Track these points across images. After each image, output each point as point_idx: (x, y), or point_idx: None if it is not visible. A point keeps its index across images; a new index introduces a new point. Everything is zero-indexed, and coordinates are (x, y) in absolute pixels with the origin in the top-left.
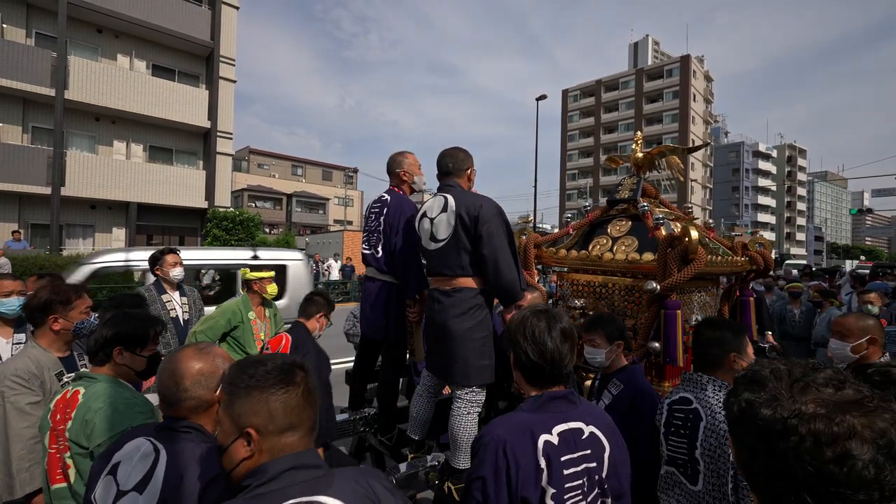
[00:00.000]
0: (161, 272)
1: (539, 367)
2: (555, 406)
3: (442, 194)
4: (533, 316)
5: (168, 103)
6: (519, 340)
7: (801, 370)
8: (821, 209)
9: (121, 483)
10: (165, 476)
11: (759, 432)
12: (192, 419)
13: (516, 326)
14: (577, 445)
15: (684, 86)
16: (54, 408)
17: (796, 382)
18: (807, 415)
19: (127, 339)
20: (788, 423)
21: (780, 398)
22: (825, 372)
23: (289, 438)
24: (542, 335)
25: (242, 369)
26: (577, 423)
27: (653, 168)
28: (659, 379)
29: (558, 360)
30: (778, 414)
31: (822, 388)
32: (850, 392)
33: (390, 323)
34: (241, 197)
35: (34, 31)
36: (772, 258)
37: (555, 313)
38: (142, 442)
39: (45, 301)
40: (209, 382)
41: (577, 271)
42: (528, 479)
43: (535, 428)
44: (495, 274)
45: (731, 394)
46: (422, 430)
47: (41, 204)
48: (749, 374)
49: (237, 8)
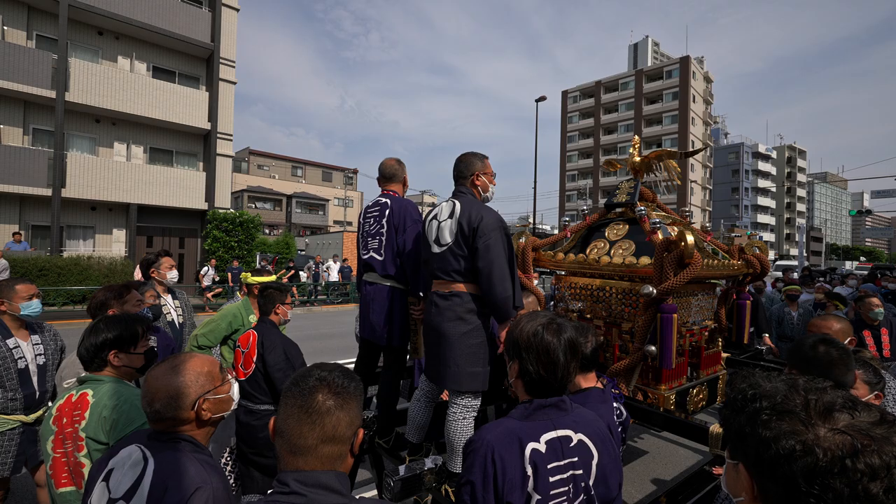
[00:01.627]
0: (157, 275)
1: (546, 382)
2: (544, 414)
3: (453, 200)
4: (545, 330)
5: (168, 105)
6: (526, 354)
7: (815, 392)
8: (821, 210)
9: (112, 490)
10: (151, 487)
11: (811, 473)
12: (179, 431)
13: (528, 339)
14: (565, 453)
15: (684, 87)
16: (57, 413)
17: (826, 411)
18: (860, 450)
19: (118, 342)
20: (846, 462)
21: (818, 430)
22: (832, 392)
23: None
24: (555, 352)
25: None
26: (565, 431)
27: (650, 171)
28: (656, 382)
29: (565, 377)
30: (833, 453)
31: (848, 412)
32: (869, 414)
33: (394, 327)
34: (241, 198)
35: (35, 33)
36: (768, 261)
37: (562, 326)
38: (133, 450)
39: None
40: (178, 403)
41: (574, 274)
42: (514, 485)
43: (524, 436)
44: (488, 288)
45: (759, 426)
46: (419, 434)
47: (42, 205)
48: (778, 402)
49: (237, 10)
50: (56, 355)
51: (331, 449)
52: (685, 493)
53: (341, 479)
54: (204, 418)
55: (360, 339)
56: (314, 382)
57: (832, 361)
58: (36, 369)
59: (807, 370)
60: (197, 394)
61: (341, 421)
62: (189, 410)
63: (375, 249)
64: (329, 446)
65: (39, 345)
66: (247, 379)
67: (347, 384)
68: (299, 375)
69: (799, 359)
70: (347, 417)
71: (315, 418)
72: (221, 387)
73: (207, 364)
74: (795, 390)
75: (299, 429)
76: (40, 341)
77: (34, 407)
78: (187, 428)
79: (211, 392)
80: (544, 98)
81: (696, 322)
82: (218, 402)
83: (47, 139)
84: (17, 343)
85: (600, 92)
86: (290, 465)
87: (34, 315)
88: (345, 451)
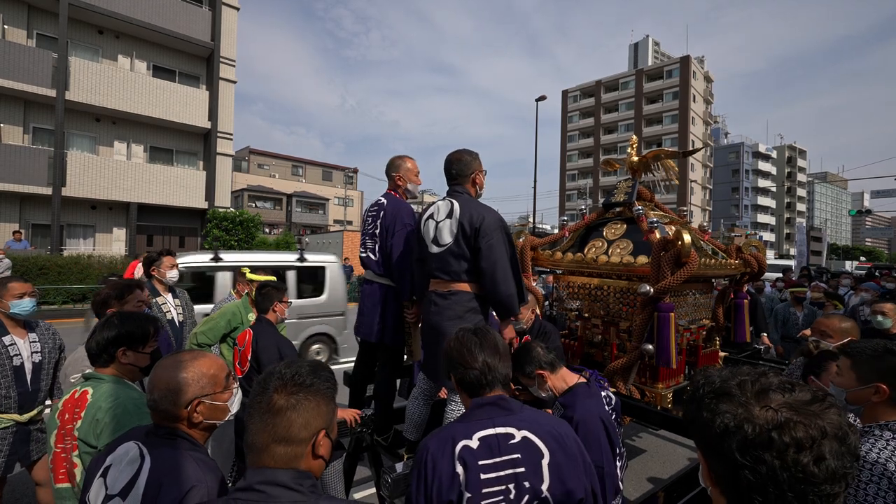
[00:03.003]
0: (158, 273)
1: (474, 383)
2: (482, 413)
3: (450, 199)
4: (463, 332)
5: (168, 104)
6: (453, 358)
7: (755, 377)
8: (821, 210)
9: (109, 486)
10: (147, 484)
11: (743, 446)
12: (177, 428)
13: (451, 343)
14: (502, 450)
15: (684, 87)
16: (62, 407)
17: (760, 391)
18: (784, 423)
19: (129, 339)
20: (772, 434)
21: (753, 409)
22: (774, 376)
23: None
24: (471, 348)
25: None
26: (506, 429)
27: (648, 171)
28: (653, 381)
29: (490, 372)
30: (760, 426)
31: (783, 393)
32: (804, 394)
33: (386, 325)
34: (241, 197)
35: (35, 32)
36: (765, 261)
37: (483, 328)
38: (131, 446)
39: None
40: (174, 398)
41: (573, 274)
42: (445, 486)
43: (457, 435)
44: (493, 287)
45: (700, 408)
46: (417, 432)
47: (42, 204)
48: (715, 386)
49: (237, 9)
50: (54, 354)
51: (284, 450)
52: (681, 490)
53: (300, 478)
54: (195, 420)
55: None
56: (274, 382)
57: None
58: (31, 367)
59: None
60: (195, 394)
61: (294, 422)
62: (183, 408)
63: (371, 249)
64: (281, 447)
65: (36, 342)
66: (243, 377)
67: (311, 382)
68: (267, 372)
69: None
70: (301, 419)
71: (267, 418)
72: (221, 394)
73: (215, 367)
74: (734, 375)
75: (254, 427)
76: (37, 339)
77: (28, 406)
78: (180, 426)
79: (209, 396)
80: (544, 97)
81: (693, 321)
82: (213, 409)
83: (47, 138)
84: (14, 340)
85: (600, 91)
86: (249, 462)
87: (24, 314)
88: (300, 452)
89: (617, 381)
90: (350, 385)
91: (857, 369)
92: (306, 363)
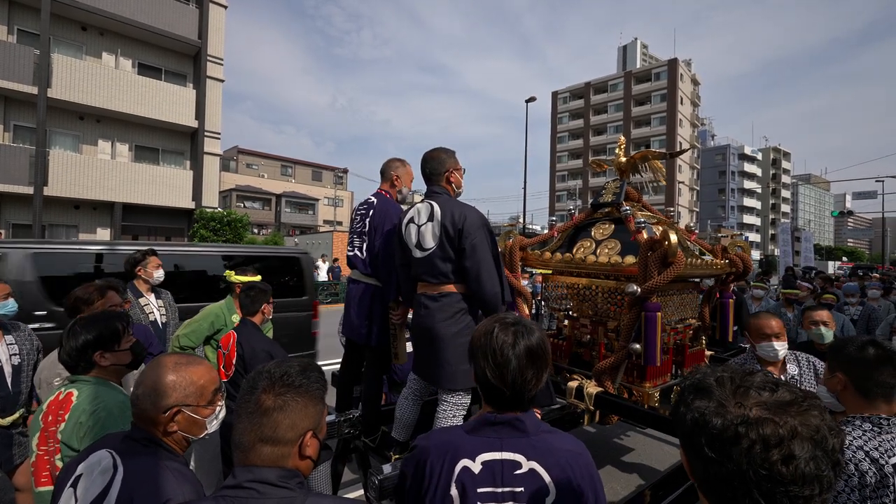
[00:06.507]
0: (144, 273)
1: (497, 390)
2: (493, 431)
3: (429, 201)
4: (500, 329)
5: (154, 102)
6: (479, 356)
7: (739, 375)
8: (804, 211)
9: (79, 498)
10: (118, 498)
11: (711, 441)
12: (154, 434)
13: (481, 339)
14: (505, 480)
15: (672, 89)
16: (47, 409)
17: (738, 388)
18: (753, 420)
19: (100, 341)
20: (739, 429)
21: (727, 405)
22: (759, 376)
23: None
24: (507, 352)
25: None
26: (513, 455)
27: (636, 172)
28: (640, 380)
29: (519, 384)
30: (728, 421)
31: (761, 392)
32: (785, 394)
33: (373, 326)
34: (229, 197)
35: (16, 27)
36: (751, 261)
37: (526, 328)
38: (104, 455)
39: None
40: (155, 399)
41: (561, 273)
42: (437, 502)
43: (460, 450)
44: (478, 286)
45: (680, 404)
46: (406, 432)
47: (23, 204)
48: (695, 382)
49: (225, 6)
50: (32, 355)
51: (270, 450)
52: (668, 488)
53: (288, 476)
54: (170, 429)
55: (344, 338)
56: (263, 381)
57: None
58: (11, 370)
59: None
60: (177, 400)
61: (280, 423)
62: (161, 413)
63: (358, 247)
64: (268, 447)
65: (14, 345)
66: (229, 381)
67: (300, 383)
68: (257, 371)
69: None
70: (288, 420)
71: (254, 418)
72: (203, 409)
73: (206, 378)
74: (717, 372)
75: (241, 426)
76: (15, 341)
77: (9, 409)
78: (156, 431)
79: (191, 408)
80: (534, 99)
81: (679, 320)
82: (191, 422)
83: (29, 136)
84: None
85: (590, 93)
86: (237, 461)
87: (9, 315)
88: (287, 452)
89: (605, 380)
90: (337, 386)
91: (829, 360)
92: (296, 363)
